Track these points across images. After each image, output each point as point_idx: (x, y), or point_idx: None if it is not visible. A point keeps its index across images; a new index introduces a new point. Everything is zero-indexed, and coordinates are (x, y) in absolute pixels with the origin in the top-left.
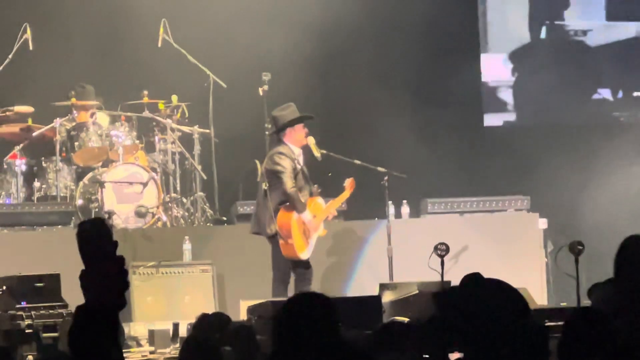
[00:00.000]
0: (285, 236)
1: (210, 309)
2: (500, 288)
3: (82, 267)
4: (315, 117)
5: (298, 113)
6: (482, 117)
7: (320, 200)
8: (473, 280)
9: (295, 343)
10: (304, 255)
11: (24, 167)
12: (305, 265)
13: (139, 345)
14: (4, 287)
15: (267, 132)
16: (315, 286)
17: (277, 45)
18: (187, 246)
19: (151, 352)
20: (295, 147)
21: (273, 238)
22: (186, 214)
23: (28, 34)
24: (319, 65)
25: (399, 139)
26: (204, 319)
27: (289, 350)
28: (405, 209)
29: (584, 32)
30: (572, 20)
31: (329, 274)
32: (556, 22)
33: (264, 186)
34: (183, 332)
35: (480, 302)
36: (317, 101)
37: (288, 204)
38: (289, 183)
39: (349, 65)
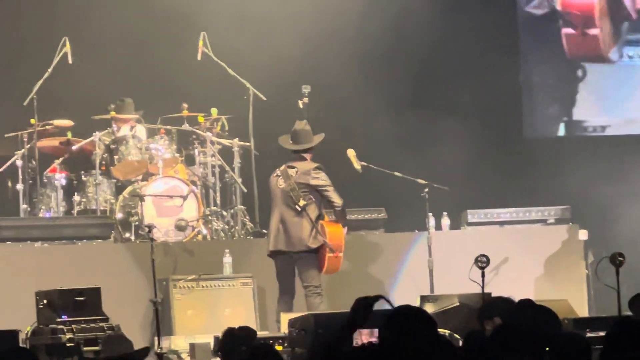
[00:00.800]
0: (337, 249)
1: (251, 322)
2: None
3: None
4: (356, 129)
5: None
6: (522, 128)
7: None
8: None
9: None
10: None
11: (63, 181)
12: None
13: (180, 358)
14: (45, 301)
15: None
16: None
17: (317, 58)
18: (227, 259)
19: None
20: None
21: (310, 253)
22: (226, 227)
23: (67, 48)
24: (358, 78)
25: (439, 150)
26: (230, 333)
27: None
28: (445, 221)
29: None
30: None
31: (369, 286)
32: None
33: (301, 202)
34: None
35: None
36: (357, 114)
37: (335, 217)
38: (338, 197)
39: (389, 79)
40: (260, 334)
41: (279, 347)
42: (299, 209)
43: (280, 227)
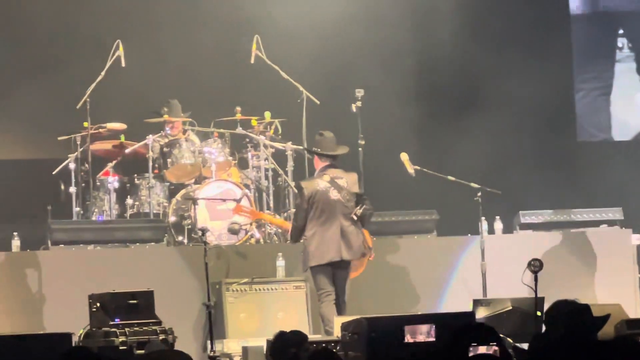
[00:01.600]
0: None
1: (304, 326)
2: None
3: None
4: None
5: None
6: (575, 132)
7: None
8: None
9: None
10: None
11: (116, 184)
12: None
13: None
14: (98, 304)
15: (360, 149)
16: (410, 302)
17: (370, 62)
18: (280, 263)
19: None
20: None
21: (360, 259)
22: (279, 230)
23: (121, 51)
24: (411, 81)
25: (492, 154)
26: (280, 336)
27: None
28: (498, 225)
29: None
30: None
31: (422, 289)
32: None
33: (358, 210)
34: None
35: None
36: (410, 117)
37: (361, 222)
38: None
39: (441, 82)
40: (313, 337)
41: None
42: (356, 218)
43: (340, 238)
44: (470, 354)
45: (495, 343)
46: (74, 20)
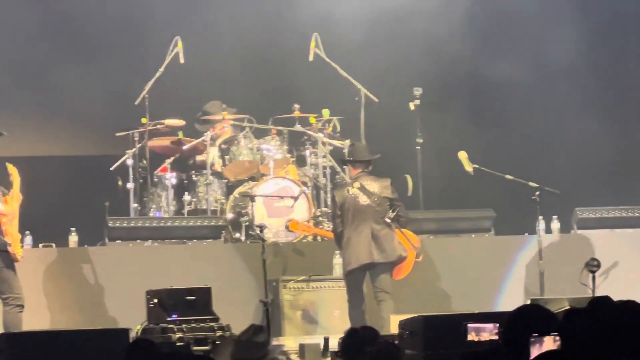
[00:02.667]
0: (421, 253)
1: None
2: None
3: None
4: (466, 131)
5: None
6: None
7: None
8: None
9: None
10: None
11: (174, 181)
12: None
13: (289, 359)
14: (155, 300)
15: (418, 147)
16: (467, 301)
17: (429, 60)
18: (337, 260)
19: None
20: None
21: (394, 261)
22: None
23: (179, 47)
24: (470, 79)
25: (551, 152)
26: (353, 332)
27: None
28: (555, 225)
29: None
30: None
31: (479, 288)
32: None
33: (390, 214)
34: (334, 346)
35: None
36: (468, 116)
37: (399, 225)
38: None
39: (500, 79)
40: None
41: None
42: (389, 221)
43: (372, 241)
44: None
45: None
46: (134, 16)
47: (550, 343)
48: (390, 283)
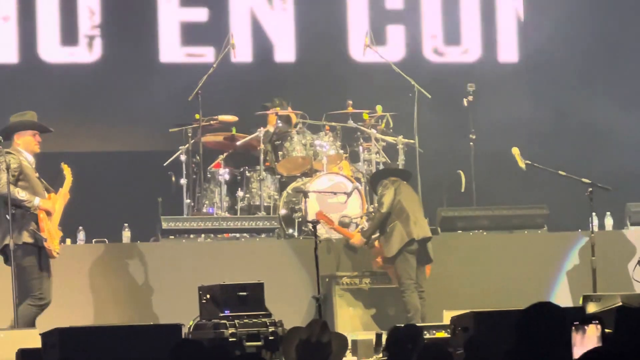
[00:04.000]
0: None
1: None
2: None
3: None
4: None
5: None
6: None
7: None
8: None
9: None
10: None
11: (227, 177)
12: None
13: None
14: (208, 296)
15: (471, 143)
16: (517, 296)
17: (481, 57)
18: None
19: None
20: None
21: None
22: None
23: (232, 44)
24: (523, 75)
25: (603, 148)
26: (395, 331)
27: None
28: (609, 221)
29: None
30: None
31: (531, 284)
32: None
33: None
34: None
35: None
36: (522, 111)
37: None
38: None
39: (555, 74)
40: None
41: None
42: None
43: (420, 220)
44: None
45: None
46: (179, 10)
47: (593, 331)
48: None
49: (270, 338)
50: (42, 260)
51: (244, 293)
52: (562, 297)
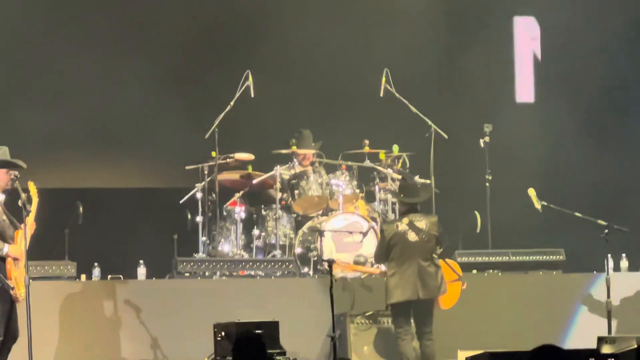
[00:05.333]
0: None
1: None
2: None
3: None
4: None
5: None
6: None
7: None
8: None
9: None
10: None
11: (243, 215)
12: None
13: None
14: (223, 333)
15: (487, 184)
16: (532, 337)
17: (498, 97)
18: None
19: None
20: None
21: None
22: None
23: (250, 81)
24: (540, 115)
25: (621, 190)
26: None
27: None
28: (624, 263)
29: None
30: None
31: (546, 325)
32: None
33: (438, 250)
34: None
35: None
36: (539, 152)
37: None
38: None
39: (571, 116)
40: None
41: None
42: (436, 257)
43: (417, 277)
44: None
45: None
46: (204, 50)
47: None
48: (432, 320)
49: None
50: (6, 303)
51: (260, 331)
52: (577, 338)
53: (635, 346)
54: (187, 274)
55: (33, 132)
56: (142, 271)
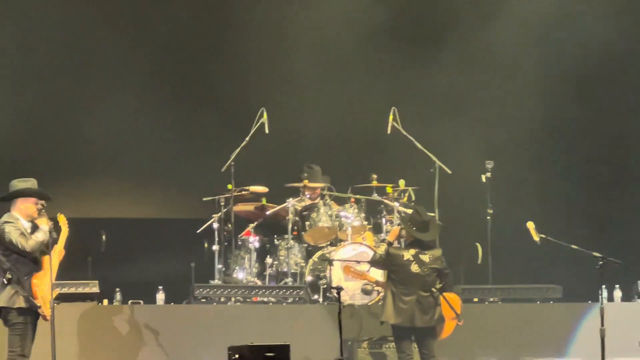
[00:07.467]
0: (462, 317)
1: None
2: None
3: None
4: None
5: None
6: None
7: None
8: None
9: None
10: None
11: (257, 244)
12: None
13: None
14: (237, 356)
15: (488, 217)
16: None
17: (500, 136)
18: None
19: None
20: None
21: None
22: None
23: (264, 119)
24: (538, 154)
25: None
26: None
27: None
28: (617, 293)
29: None
30: None
31: (544, 352)
32: None
33: (437, 285)
34: None
35: None
36: (536, 187)
37: (444, 287)
38: None
39: (568, 152)
40: None
41: None
42: (435, 290)
43: (415, 306)
44: None
45: None
46: (220, 87)
47: None
48: (435, 346)
49: None
50: (31, 322)
51: (271, 354)
52: None
53: None
54: (204, 300)
55: (59, 165)
56: (160, 296)
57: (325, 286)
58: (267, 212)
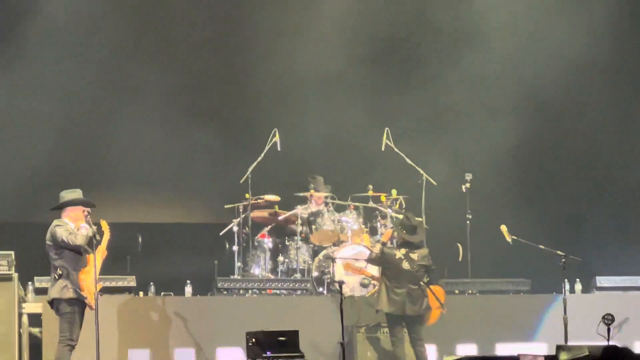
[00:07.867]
0: (446, 306)
1: None
2: None
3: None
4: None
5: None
6: None
7: None
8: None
9: None
10: None
11: (270, 245)
12: None
13: None
14: (253, 340)
15: (467, 222)
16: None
17: (479, 151)
18: None
19: None
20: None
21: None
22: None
23: (277, 138)
24: (511, 168)
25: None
26: None
27: None
28: (578, 286)
29: None
30: None
31: (515, 335)
32: None
33: (425, 279)
34: None
35: None
36: (508, 196)
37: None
38: None
39: (538, 165)
40: None
41: None
42: (423, 284)
43: (406, 298)
44: None
45: None
46: (238, 111)
47: None
48: (423, 331)
49: None
50: (78, 311)
51: (283, 338)
52: (540, 346)
53: (587, 353)
54: (225, 292)
55: (102, 177)
56: (188, 289)
57: (329, 280)
58: (279, 218)
